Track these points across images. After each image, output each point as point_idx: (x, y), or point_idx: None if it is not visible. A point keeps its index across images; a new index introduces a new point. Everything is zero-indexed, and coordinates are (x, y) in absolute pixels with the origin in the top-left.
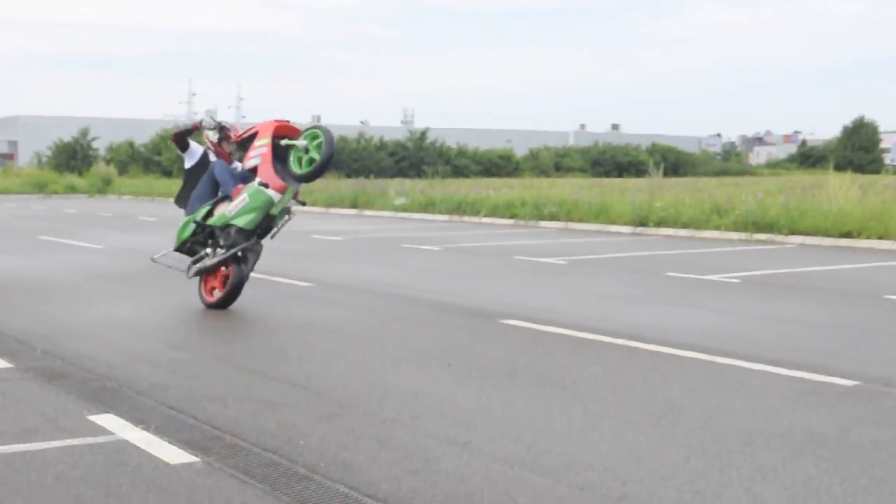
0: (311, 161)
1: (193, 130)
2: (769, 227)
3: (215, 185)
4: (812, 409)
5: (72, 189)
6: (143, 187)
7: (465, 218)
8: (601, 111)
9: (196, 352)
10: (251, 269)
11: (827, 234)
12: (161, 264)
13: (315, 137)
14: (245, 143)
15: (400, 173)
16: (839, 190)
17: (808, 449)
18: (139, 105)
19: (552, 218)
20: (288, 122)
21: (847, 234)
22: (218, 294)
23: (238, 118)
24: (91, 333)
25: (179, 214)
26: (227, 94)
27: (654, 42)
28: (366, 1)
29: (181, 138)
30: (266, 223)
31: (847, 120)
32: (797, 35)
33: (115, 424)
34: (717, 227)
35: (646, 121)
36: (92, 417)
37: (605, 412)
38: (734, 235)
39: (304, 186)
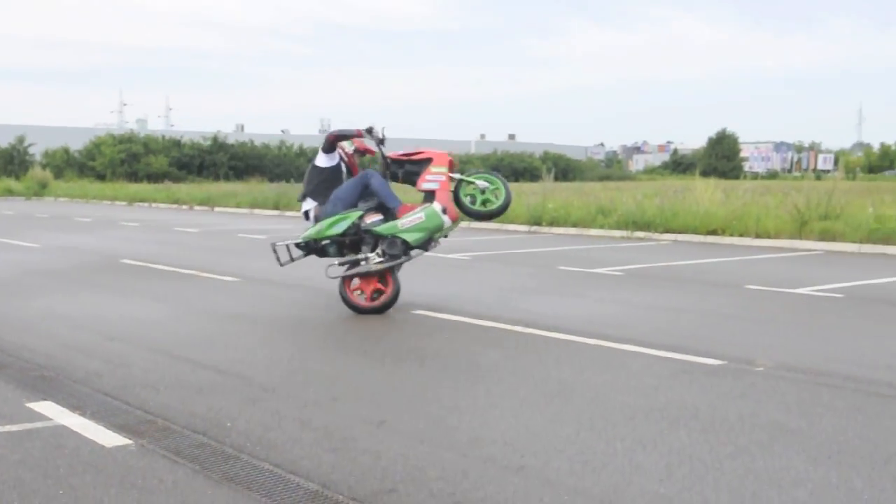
0: (485, 202)
1: (357, 136)
2: (647, 226)
3: (361, 193)
4: (685, 386)
5: (9, 192)
6: (78, 190)
7: None
8: (499, 122)
9: (129, 342)
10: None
11: (696, 231)
12: (275, 253)
13: (492, 183)
14: (403, 163)
15: None
16: (705, 193)
17: (682, 421)
18: (73, 114)
19: None
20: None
21: (713, 232)
22: (376, 300)
23: (167, 126)
24: (29, 326)
25: (112, 215)
26: (156, 105)
27: (544, 61)
28: (286, 20)
29: (337, 140)
30: (427, 243)
31: (712, 132)
32: (668, 56)
33: (52, 411)
34: (601, 226)
35: (538, 131)
36: (30, 405)
37: (505, 392)
38: (617, 233)
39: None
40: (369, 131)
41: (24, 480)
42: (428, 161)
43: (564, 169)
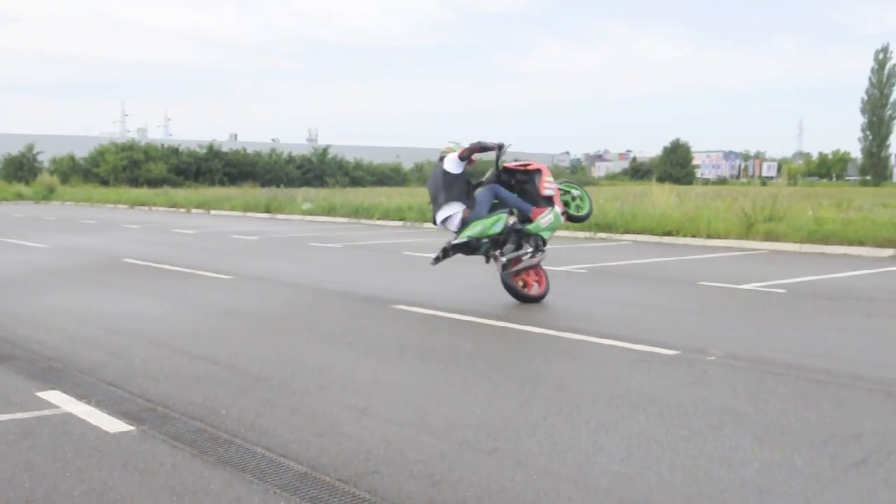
0: (578, 208)
1: (494, 150)
2: (608, 228)
3: (492, 198)
4: (644, 374)
5: (19, 196)
6: (84, 195)
7: (362, 220)
8: (473, 131)
9: (131, 336)
10: None
11: (653, 232)
12: (448, 255)
13: (578, 189)
14: (516, 173)
15: (306, 183)
16: (661, 198)
17: (640, 407)
18: (78, 124)
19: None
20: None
21: (668, 233)
22: (539, 289)
23: (166, 135)
24: (38, 321)
25: (114, 218)
26: (156, 115)
27: (514, 76)
28: (277, 38)
29: (479, 151)
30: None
31: (667, 142)
32: (627, 72)
33: (60, 399)
34: (567, 228)
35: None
36: (40, 394)
37: (480, 381)
38: (581, 234)
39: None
40: (500, 147)
41: (34, 464)
42: (538, 171)
43: None
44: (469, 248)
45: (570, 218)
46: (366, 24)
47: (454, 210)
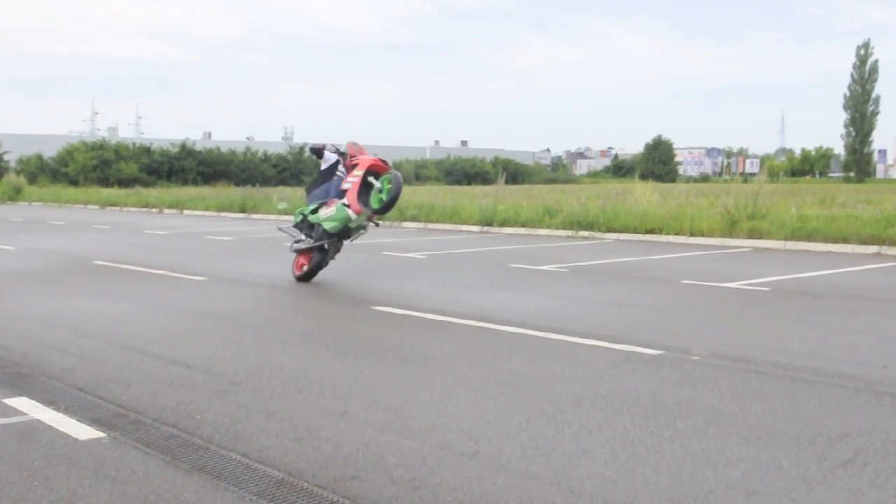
0: (380, 200)
1: (321, 149)
2: (590, 226)
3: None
4: (627, 375)
5: None
6: (52, 195)
7: None
8: (452, 129)
9: (102, 339)
10: (331, 258)
11: (635, 231)
12: (285, 232)
13: (389, 182)
14: (350, 168)
15: (282, 182)
16: (644, 195)
17: (625, 407)
18: (46, 123)
19: (413, 219)
20: (384, 161)
21: (651, 231)
22: (305, 270)
23: (137, 134)
24: (4, 325)
25: (84, 219)
26: (127, 113)
27: (494, 73)
28: (251, 34)
29: (317, 152)
30: (345, 231)
31: (649, 138)
32: (608, 68)
33: (27, 406)
34: (548, 226)
35: (489, 137)
36: (6, 400)
37: (460, 383)
38: (562, 233)
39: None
40: (324, 148)
41: (0, 473)
42: (356, 166)
43: (514, 173)
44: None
45: (373, 211)
46: (343, 20)
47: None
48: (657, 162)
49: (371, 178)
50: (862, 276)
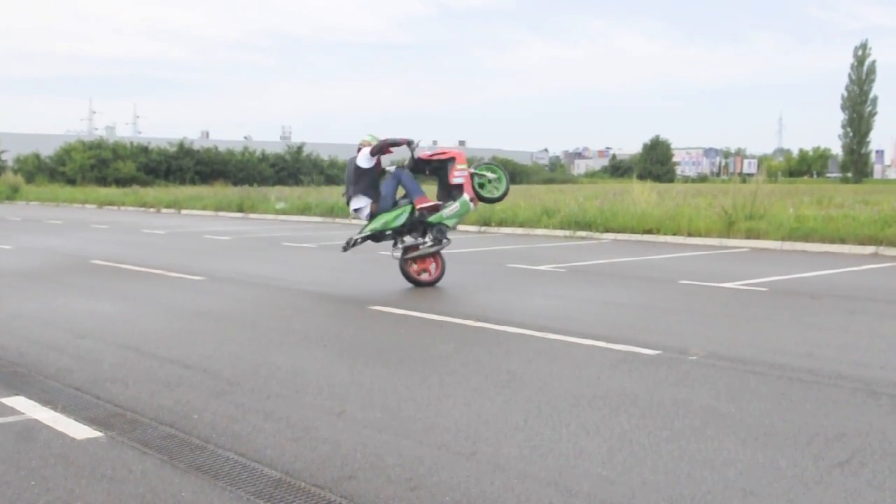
0: (493, 190)
1: (403, 145)
2: (588, 226)
3: (396, 187)
4: (625, 375)
5: None
6: (49, 194)
7: (337, 220)
8: (450, 129)
9: (99, 339)
10: None
11: (633, 231)
12: (357, 244)
13: (495, 172)
14: (430, 162)
15: (280, 182)
16: (642, 195)
17: (622, 408)
18: (44, 122)
19: None
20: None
21: (649, 231)
22: (433, 275)
23: (135, 133)
24: (2, 324)
25: (82, 218)
26: (125, 112)
27: (493, 72)
28: (249, 33)
29: (385, 149)
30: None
31: (647, 138)
32: (606, 68)
33: (25, 405)
34: (546, 226)
35: (487, 137)
36: (3, 400)
37: (458, 383)
38: (560, 233)
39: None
40: (409, 143)
41: None
42: (452, 160)
43: (511, 173)
44: (375, 238)
45: (482, 199)
46: (342, 20)
47: (362, 203)
48: (655, 162)
49: (475, 169)
50: (859, 277)
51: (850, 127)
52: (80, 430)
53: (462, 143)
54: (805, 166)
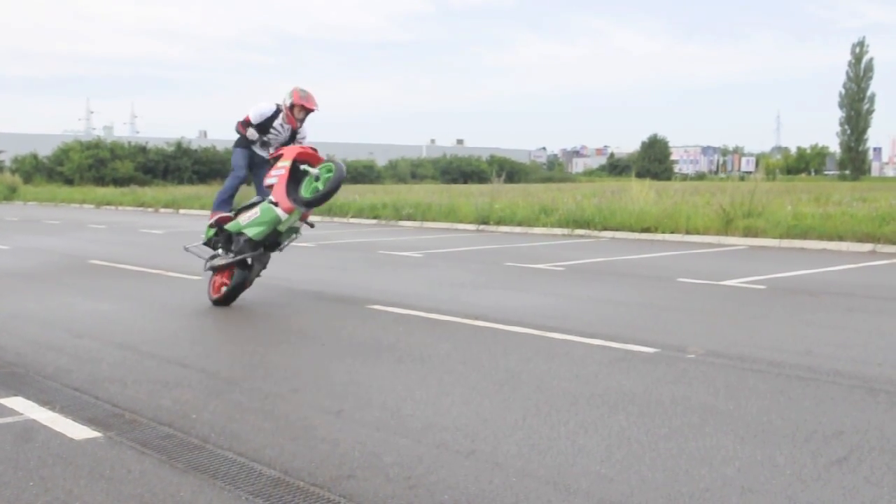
0: (314, 190)
1: (244, 135)
2: (586, 224)
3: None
4: (623, 373)
5: None
6: (47, 194)
7: (336, 218)
8: (448, 128)
9: (98, 339)
10: (256, 276)
11: (631, 229)
12: (192, 253)
13: (329, 170)
14: (272, 161)
15: None
16: (640, 194)
17: (620, 406)
18: (42, 122)
19: (409, 218)
20: (314, 149)
21: (647, 229)
22: (224, 291)
23: (133, 133)
24: (0, 325)
25: (80, 218)
26: (123, 112)
27: (491, 71)
28: (248, 32)
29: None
30: (273, 237)
31: (644, 136)
32: (605, 66)
33: (23, 406)
34: (544, 225)
35: (485, 136)
36: (1, 400)
37: (456, 381)
38: (558, 231)
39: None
40: (251, 140)
41: None
42: (278, 158)
43: (509, 171)
44: (213, 247)
45: (305, 204)
46: (340, 19)
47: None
48: (653, 160)
49: (305, 167)
50: (857, 274)
51: (848, 124)
52: (78, 431)
53: (460, 141)
54: (803, 164)
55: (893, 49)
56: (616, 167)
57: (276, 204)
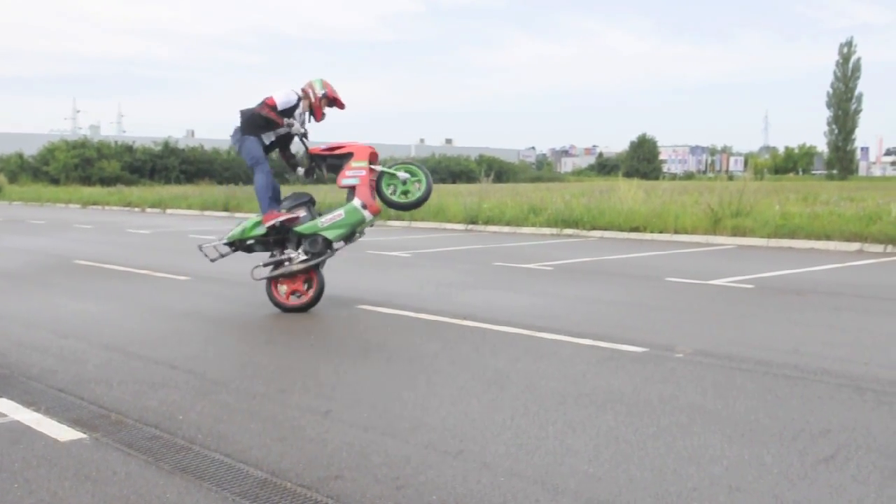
0: (405, 192)
1: (282, 127)
2: (575, 224)
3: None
4: (611, 372)
5: None
6: (32, 194)
7: None
8: (437, 127)
9: (83, 339)
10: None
11: (620, 228)
12: (203, 253)
13: (414, 174)
14: (326, 158)
15: None
16: (628, 193)
17: (608, 405)
18: (27, 121)
19: (398, 217)
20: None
21: (635, 229)
22: (301, 299)
23: (119, 132)
24: None
25: (65, 218)
26: (109, 112)
27: (481, 71)
28: (234, 31)
29: (262, 115)
30: (350, 236)
31: (633, 136)
32: (594, 66)
33: (7, 407)
34: (533, 224)
35: (474, 135)
36: None
37: (444, 381)
38: (547, 231)
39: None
40: (300, 133)
41: None
42: (349, 156)
43: (498, 171)
44: (239, 247)
45: (390, 205)
46: (328, 17)
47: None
48: (641, 160)
49: (385, 168)
50: (844, 274)
51: (836, 124)
52: (63, 432)
53: (449, 141)
54: (791, 164)
55: (881, 49)
56: (605, 167)
57: (364, 206)
